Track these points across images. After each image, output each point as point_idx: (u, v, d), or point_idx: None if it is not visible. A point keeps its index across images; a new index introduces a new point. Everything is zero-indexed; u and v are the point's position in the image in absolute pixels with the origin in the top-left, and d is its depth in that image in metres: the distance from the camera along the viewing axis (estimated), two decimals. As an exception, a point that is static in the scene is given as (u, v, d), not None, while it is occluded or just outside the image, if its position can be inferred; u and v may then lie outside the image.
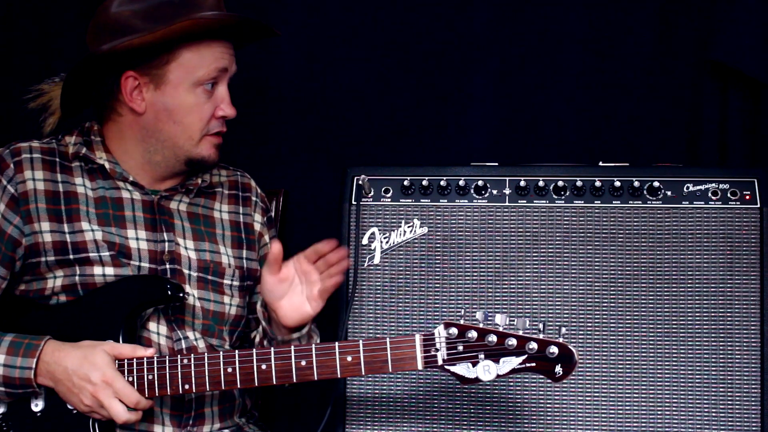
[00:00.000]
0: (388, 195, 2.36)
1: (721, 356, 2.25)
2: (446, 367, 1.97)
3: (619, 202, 2.30)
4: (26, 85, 2.33)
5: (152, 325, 2.21)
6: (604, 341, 2.27)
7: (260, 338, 2.38)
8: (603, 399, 2.26)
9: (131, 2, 2.17)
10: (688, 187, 2.30)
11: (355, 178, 2.36)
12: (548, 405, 2.27)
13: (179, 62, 2.18)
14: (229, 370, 2.06)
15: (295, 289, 2.18)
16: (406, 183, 2.34)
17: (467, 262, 2.32)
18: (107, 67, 2.18)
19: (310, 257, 2.15)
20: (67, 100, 2.23)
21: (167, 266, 2.24)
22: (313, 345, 2.03)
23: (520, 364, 1.94)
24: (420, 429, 2.30)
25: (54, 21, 3.01)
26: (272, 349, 2.05)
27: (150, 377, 2.07)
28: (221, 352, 2.07)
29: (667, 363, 2.25)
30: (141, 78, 2.19)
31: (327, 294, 2.17)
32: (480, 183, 2.33)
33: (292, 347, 2.04)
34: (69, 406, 2.10)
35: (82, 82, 2.21)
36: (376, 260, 2.33)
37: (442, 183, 2.34)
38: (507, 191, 2.34)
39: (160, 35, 2.12)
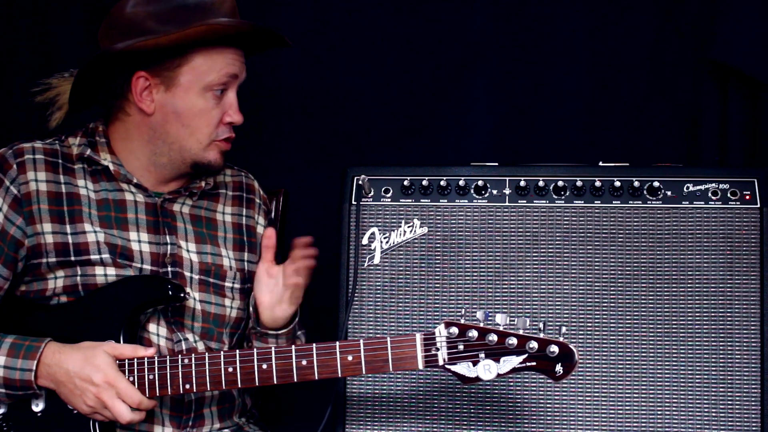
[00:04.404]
0: (388, 195, 2.35)
1: (721, 356, 2.25)
2: (447, 366, 1.98)
3: (619, 202, 2.30)
4: (27, 85, 2.32)
5: (152, 327, 2.21)
6: (604, 341, 2.27)
7: (248, 330, 2.40)
8: (603, 399, 2.26)
9: (146, 4, 2.17)
10: (688, 187, 2.30)
11: (355, 178, 2.36)
12: (548, 405, 2.27)
13: (191, 66, 2.18)
14: (230, 369, 2.06)
15: (276, 289, 2.26)
16: (406, 183, 2.34)
17: (467, 262, 2.32)
18: (119, 65, 2.19)
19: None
20: (76, 96, 2.23)
21: (169, 269, 2.24)
22: (314, 344, 2.03)
23: (521, 363, 1.94)
24: (420, 428, 2.30)
25: (54, 20, 3.01)
26: (273, 348, 2.05)
27: (151, 377, 2.07)
28: (222, 352, 2.08)
29: (667, 363, 2.25)
30: (152, 79, 2.19)
31: (295, 298, 2.26)
32: (480, 183, 2.33)
33: (293, 347, 2.04)
34: (69, 407, 2.10)
35: (93, 79, 2.21)
36: (376, 260, 2.33)
37: (442, 183, 2.34)
38: (507, 191, 2.34)
39: (175, 38, 2.12)
